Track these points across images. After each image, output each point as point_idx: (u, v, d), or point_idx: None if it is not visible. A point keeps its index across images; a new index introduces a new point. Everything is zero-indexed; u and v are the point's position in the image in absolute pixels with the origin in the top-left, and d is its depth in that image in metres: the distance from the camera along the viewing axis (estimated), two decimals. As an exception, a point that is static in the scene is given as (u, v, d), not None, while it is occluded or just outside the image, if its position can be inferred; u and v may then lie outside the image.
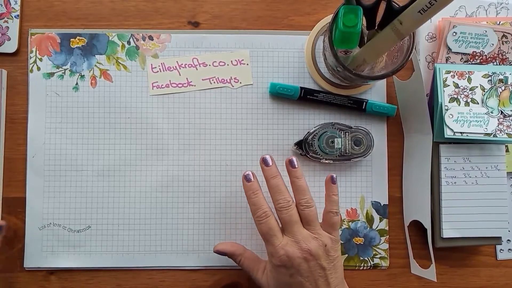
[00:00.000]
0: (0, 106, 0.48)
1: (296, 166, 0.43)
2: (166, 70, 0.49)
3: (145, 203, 0.49)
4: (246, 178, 0.43)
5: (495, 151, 0.47)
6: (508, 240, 0.50)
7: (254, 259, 0.45)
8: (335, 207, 0.43)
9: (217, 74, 0.49)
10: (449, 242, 0.47)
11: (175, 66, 0.49)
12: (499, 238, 0.48)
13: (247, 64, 0.50)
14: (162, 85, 0.49)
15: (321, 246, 0.41)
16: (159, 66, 0.49)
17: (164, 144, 0.49)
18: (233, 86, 0.50)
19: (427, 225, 0.47)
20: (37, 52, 0.49)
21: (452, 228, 0.47)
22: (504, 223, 0.47)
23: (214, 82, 0.49)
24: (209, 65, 0.49)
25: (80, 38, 0.49)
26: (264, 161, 0.43)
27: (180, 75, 0.49)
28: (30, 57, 0.49)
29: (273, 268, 0.41)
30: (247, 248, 0.46)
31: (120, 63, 0.49)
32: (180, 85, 0.49)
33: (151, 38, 0.49)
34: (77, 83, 0.49)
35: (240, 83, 0.50)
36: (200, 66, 0.49)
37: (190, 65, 0.49)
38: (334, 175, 0.43)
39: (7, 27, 0.48)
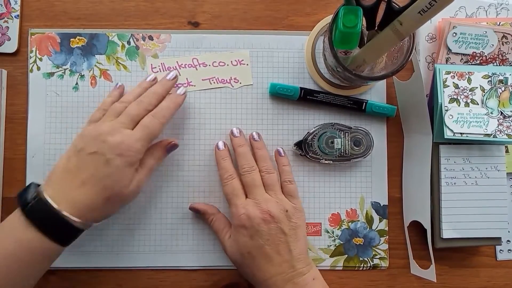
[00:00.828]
0: (0, 106, 0.48)
1: (258, 139, 0.48)
2: (166, 70, 0.49)
3: (145, 203, 0.49)
4: (218, 147, 0.47)
5: (495, 151, 0.47)
6: (508, 240, 0.50)
7: (225, 222, 0.46)
8: (288, 176, 0.46)
9: (217, 74, 0.49)
10: (448, 242, 0.47)
11: (175, 66, 0.49)
12: (499, 238, 0.48)
13: (247, 64, 0.50)
14: (162, 85, 0.49)
15: (282, 211, 0.42)
16: (159, 66, 0.49)
17: (164, 144, 0.49)
18: (233, 86, 0.49)
19: (427, 225, 0.47)
20: (37, 52, 0.49)
21: (452, 229, 0.47)
22: (504, 223, 0.47)
23: (214, 82, 0.49)
24: (209, 65, 0.49)
25: (80, 38, 0.49)
26: (232, 133, 0.48)
27: (180, 75, 0.49)
28: (30, 57, 0.49)
29: (235, 230, 0.43)
30: (220, 211, 0.48)
31: (120, 63, 0.49)
32: (180, 85, 0.49)
33: (151, 38, 0.49)
34: (77, 83, 0.49)
35: (240, 83, 0.50)
36: (200, 66, 0.49)
37: (190, 65, 0.49)
38: (281, 149, 0.48)
39: (7, 27, 0.48)
